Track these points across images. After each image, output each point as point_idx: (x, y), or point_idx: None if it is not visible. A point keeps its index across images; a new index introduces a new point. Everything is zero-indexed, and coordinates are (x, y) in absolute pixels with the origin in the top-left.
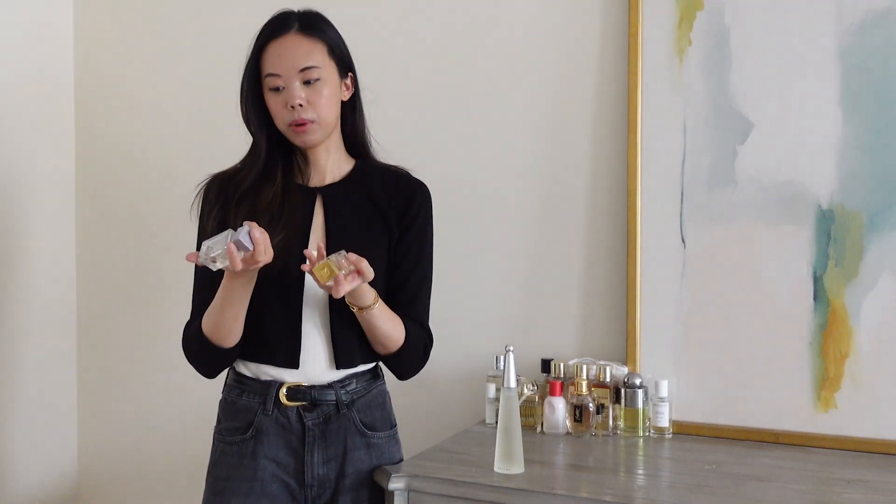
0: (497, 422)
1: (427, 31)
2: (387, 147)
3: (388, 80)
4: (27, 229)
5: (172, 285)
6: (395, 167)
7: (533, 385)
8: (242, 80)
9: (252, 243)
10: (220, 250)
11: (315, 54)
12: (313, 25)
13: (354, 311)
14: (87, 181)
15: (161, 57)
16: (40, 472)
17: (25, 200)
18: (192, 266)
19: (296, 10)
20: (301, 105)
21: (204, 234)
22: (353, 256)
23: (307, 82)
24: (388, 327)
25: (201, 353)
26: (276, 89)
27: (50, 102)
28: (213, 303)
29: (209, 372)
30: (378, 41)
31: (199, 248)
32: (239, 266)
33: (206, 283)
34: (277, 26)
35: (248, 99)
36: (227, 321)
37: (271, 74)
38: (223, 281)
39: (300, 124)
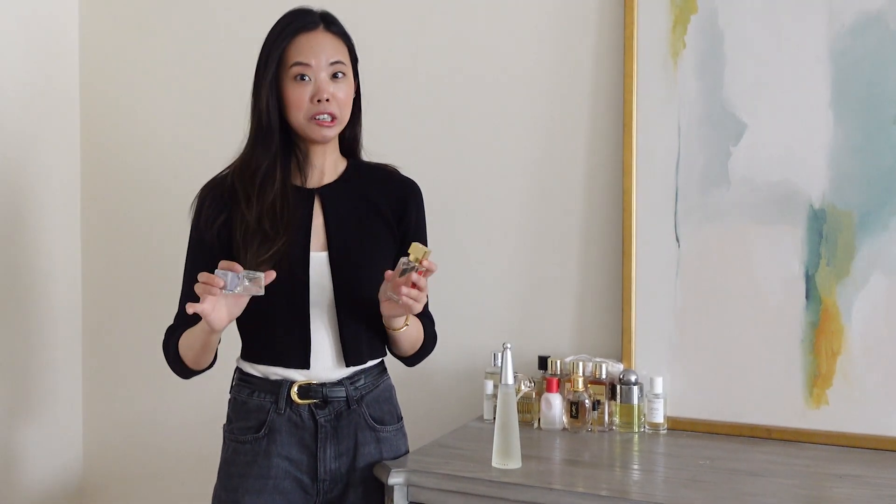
0: (495, 418)
1: (425, 34)
2: (386, 147)
3: (387, 82)
4: (33, 229)
5: (176, 283)
6: (384, 165)
7: (530, 382)
8: (264, 69)
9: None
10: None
11: (342, 51)
12: (336, 24)
13: (390, 331)
14: (92, 182)
15: (166, 59)
16: (46, 467)
17: (31, 201)
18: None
19: (315, 9)
20: (328, 100)
21: (202, 242)
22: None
23: (334, 77)
24: (414, 339)
25: (178, 368)
26: (302, 77)
27: (55, 103)
28: (191, 343)
29: (185, 378)
30: (376, 42)
31: (194, 258)
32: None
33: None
34: (305, 21)
35: (272, 87)
36: (207, 357)
37: (301, 63)
38: (203, 331)
39: (325, 118)
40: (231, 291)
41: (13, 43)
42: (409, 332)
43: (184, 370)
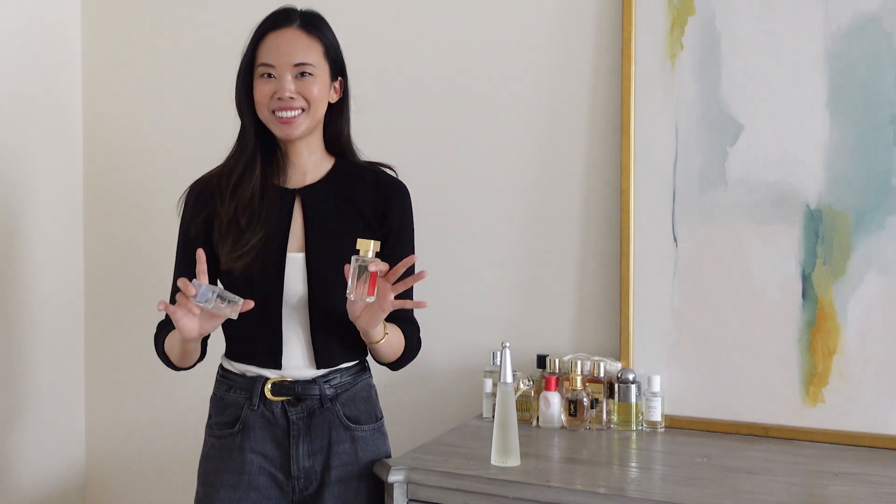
0: (494, 416)
1: (423, 35)
2: (385, 148)
3: (385, 83)
4: (36, 227)
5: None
6: (375, 165)
7: (529, 380)
8: (239, 67)
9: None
10: (213, 304)
11: (311, 52)
12: (314, 24)
13: (368, 345)
14: (94, 180)
15: (168, 57)
16: (49, 465)
17: (34, 199)
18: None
19: (299, 8)
20: (291, 98)
21: (188, 237)
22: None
23: (299, 76)
24: (395, 347)
25: (168, 364)
26: (268, 76)
27: (58, 102)
28: (172, 345)
29: (176, 371)
30: (374, 43)
31: (182, 254)
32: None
33: (186, 277)
34: (279, 19)
35: (242, 86)
36: (188, 360)
37: (265, 64)
38: (180, 338)
39: (286, 117)
40: (201, 303)
41: (17, 47)
42: (389, 342)
43: (172, 366)
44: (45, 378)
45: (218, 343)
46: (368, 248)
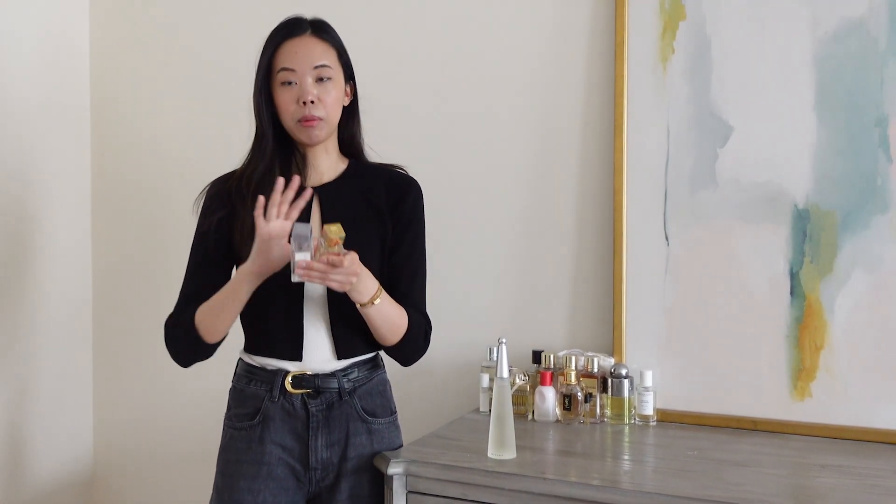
0: (490, 410)
1: (419, 39)
2: (382, 148)
3: (384, 84)
4: (45, 224)
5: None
6: (389, 165)
7: (524, 375)
8: (256, 76)
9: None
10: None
11: (328, 55)
12: (325, 30)
13: (358, 307)
14: (102, 178)
15: (175, 58)
16: (57, 457)
17: (43, 196)
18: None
19: (307, 16)
20: (313, 102)
21: (204, 234)
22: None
23: (319, 80)
24: (391, 319)
25: (186, 342)
26: (289, 83)
27: (67, 101)
28: (212, 301)
29: (185, 361)
30: (371, 46)
31: (196, 248)
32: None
33: (199, 270)
34: (292, 28)
35: (262, 93)
36: (224, 321)
37: (286, 69)
38: (235, 282)
39: (309, 120)
40: (298, 236)
41: (28, 52)
42: (382, 310)
43: (192, 347)
44: (53, 372)
45: (227, 341)
46: (334, 235)
